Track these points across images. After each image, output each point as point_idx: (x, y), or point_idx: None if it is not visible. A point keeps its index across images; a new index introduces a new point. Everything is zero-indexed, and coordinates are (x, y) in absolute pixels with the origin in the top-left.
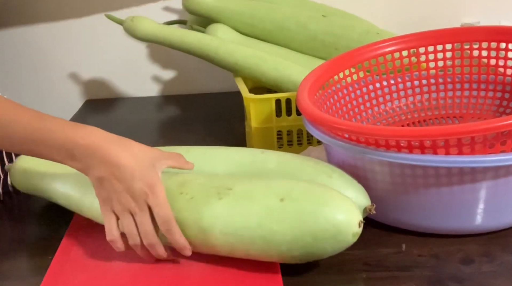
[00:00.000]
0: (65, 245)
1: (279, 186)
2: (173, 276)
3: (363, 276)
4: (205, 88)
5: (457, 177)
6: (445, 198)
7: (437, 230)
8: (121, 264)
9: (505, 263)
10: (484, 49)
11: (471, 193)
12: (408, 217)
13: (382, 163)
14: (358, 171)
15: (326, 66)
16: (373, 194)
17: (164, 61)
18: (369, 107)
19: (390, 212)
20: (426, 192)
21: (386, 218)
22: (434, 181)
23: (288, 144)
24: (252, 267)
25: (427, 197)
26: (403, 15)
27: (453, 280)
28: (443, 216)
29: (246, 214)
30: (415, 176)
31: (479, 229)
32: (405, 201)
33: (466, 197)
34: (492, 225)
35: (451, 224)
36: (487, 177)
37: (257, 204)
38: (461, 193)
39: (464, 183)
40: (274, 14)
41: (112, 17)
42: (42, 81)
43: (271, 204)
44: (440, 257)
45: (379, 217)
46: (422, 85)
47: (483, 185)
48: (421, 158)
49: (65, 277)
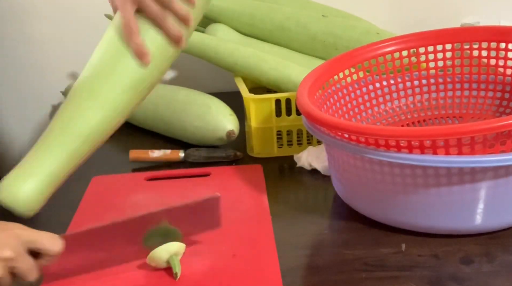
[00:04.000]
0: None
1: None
2: (173, 275)
3: (363, 276)
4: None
5: (457, 177)
6: (445, 198)
7: (437, 230)
8: (121, 264)
9: (505, 263)
10: (484, 49)
11: (471, 193)
12: (408, 217)
13: (382, 163)
14: (358, 171)
15: (326, 66)
16: (373, 194)
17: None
18: (369, 107)
19: (390, 212)
20: (426, 192)
21: (386, 218)
22: (434, 181)
23: (288, 143)
24: (253, 267)
25: (427, 197)
26: (403, 15)
27: (453, 280)
28: (443, 216)
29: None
30: (415, 176)
31: (478, 229)
32: (405, 201)
33: (466, 197)
34: (492, 225)
35: (451, 224)
36: (486, 177)
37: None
38: (461, 193)
39: (464, 183)
40: (274, 14)
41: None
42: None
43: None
44: (440, 257)
45: (379, 217)
46: (422, 85)
47: (483, 185)
48: (421, 158)
49: (65, 277)
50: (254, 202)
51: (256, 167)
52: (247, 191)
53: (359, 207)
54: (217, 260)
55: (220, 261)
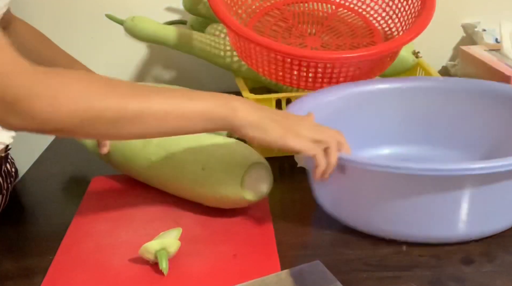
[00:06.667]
0: (65, 245)
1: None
2: (173, 275)
3: (363, 276)
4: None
5: (434, 186)
6: (423, 207)
7: (416, 239)
8: (121, 264)
9: (505, 263)
10: None
11: (447, 202)
12: (388, 226)
13: (364, 171)
14: (341, 180)
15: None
16: (355, 203)
17: (164, 61)
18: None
19: (373, 221)
20: (403, 201)
21: (369, 227)
22: (409, 190)
23: None
24: (253, 267)
25: (402, 206)
26: None
27: (453, 280)
28: (422, 225)
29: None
30: (392, 185)
31: (459, 238)
32: (384, 209)
33: (444, 206)
34: (474, 234)
35: (431, 233)
36: (466, 186)
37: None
38: (437, 202)
39: (443, 192)
40: None
41: (113, 17)
42: None
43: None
44: (440, 257)
45: (363, 226)
46: None
47: (462, 193)
48: (391, 165)
49: (65, 277)
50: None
51: None
52: None
53: (339, 217)
54: (217, 260)
55: (220, 261)
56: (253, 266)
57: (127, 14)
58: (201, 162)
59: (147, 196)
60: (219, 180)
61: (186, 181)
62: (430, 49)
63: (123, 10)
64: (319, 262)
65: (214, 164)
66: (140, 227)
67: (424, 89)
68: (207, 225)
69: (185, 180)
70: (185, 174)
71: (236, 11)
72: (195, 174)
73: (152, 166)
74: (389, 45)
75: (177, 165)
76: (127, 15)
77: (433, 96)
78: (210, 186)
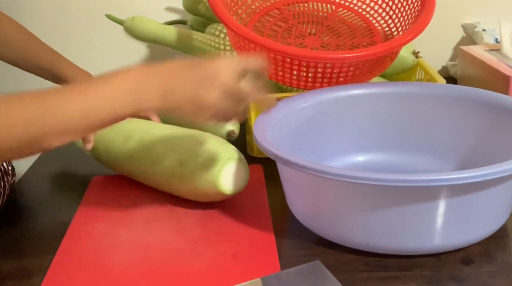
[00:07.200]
0: (65, 245)
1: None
2: (173, 275)
3: (363, 276)
4: None
5: (403, 197)
6: (397, 218)
7: (394, 251)
8: (121, 264)
9: (505, 263)
10: None
11: (424, 212)
12: (361, 238)
13: (333, 183)
14: (309, 190)
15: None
16: (325, 214)
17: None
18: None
19: (346, 233)
20: (375, 212)
21: (345, 240)
22: (381, 201)
23: None
24: (253, 267)
25: (375, 217)
26: None
27: (453, 280)
28: (399, 236)
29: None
30: (363, 196)
31: (435, 250)
32: (355, 221)
33: (422, 217)
34: (452, 244)
35: (408, 245)
36: (441, 196)
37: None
38: (413, 213)
39: (413, 203)
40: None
41: (112, 17)
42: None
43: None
44: (440, 257)
45: (339, 239)
46: None
47: (437, 204)
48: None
49: (65, 277)
50: (254, 202)
51: (256, 167)
52: (247, 191)
53: (310, 228)
54: (217, 260)
55: (220, 261)
56: (253, 266)
57: (127, 14)
58: (179, 158)
59: (147, 196)
60: (197, 175)
61: (164, 176)
62: (430, 49)
63: (123, 10)
64: (319, 262)
65: (191, 159)
66: (140, 227)
67: (400, 95)
68: (207, 225)
69: (164, 174)
70: (164, 169)
71: (236, 11)
72: (173, 169)
73: (133, 161)
74: (389, 45)
75: (156, 160)
76: (127, 15)
77: (410, 102)
78: (188, 180)
